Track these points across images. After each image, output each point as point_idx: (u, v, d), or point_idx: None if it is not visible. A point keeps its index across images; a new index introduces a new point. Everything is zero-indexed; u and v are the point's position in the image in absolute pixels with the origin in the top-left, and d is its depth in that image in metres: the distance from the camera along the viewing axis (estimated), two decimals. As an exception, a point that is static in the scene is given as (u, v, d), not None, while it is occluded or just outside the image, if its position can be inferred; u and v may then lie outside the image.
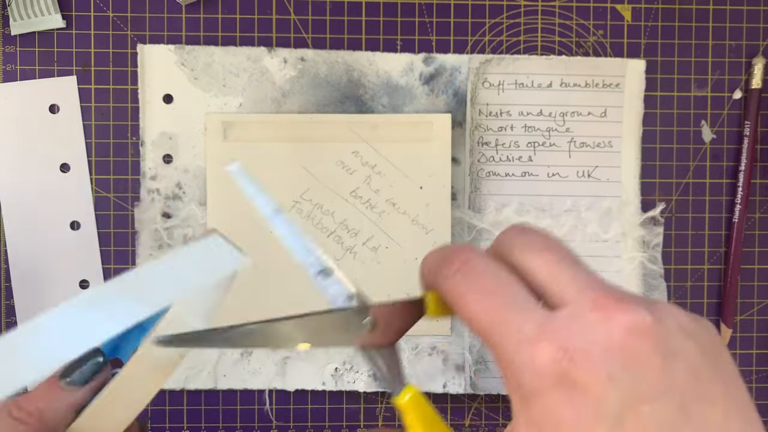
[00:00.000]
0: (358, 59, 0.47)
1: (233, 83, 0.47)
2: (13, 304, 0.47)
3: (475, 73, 0.47)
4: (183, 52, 0.46)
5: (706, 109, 0.49)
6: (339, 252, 0.47)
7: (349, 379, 0.48)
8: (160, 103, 0.46)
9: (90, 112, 0.47)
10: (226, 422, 0.48)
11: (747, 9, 0.49)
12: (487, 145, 0.48)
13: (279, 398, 0.48)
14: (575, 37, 0.48)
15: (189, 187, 0.47)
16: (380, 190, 0.47)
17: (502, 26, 0.48)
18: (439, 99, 0.47)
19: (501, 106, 0.48)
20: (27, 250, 0.46)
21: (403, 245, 0.47)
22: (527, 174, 0.48)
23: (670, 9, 0.49)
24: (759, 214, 0.50)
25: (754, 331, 0.50)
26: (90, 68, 0.47)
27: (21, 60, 0.46)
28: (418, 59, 0.47)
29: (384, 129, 0.46)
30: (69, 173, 0.47)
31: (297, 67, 0.47)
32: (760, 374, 0.50)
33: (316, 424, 0.48)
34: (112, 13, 0.47)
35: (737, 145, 0.49)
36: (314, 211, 0.46)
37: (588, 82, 0.48)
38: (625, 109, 0.48)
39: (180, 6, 0.47)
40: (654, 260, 0.48)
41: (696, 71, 0.49)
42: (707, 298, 0.49)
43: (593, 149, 0.48)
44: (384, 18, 0.48)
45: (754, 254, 0.50)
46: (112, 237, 0.47)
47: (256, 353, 0.47)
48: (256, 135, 0.46)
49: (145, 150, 0.46)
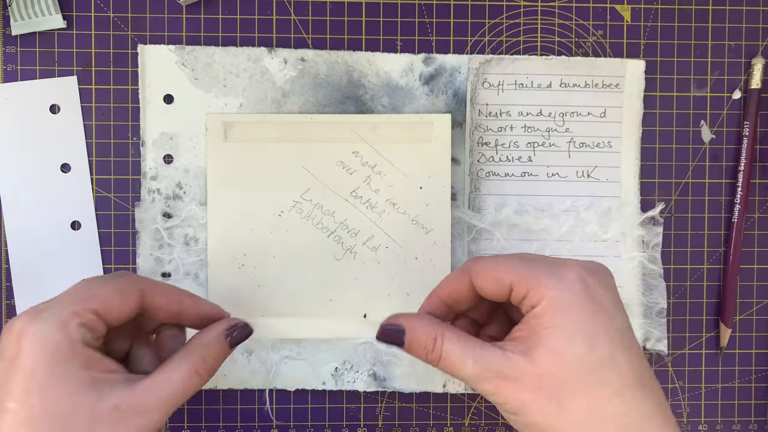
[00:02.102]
0: (358, 59, 0.47)
1: (234, 83, 0.47)
2: (14, 303, 0.47)
3: (474, 73, 0.47)
4: (183, 52, 0.46)
5: (705, 110, 0.49)
6: (339, 252, 0.47)
7: (349, 379, 0.48)
8: (161, 103, 0.46)
9: (91, 112, 0.47)
10: (227, 422, 0.48)
11: (746, 9, 0.49)
12: (487, 145, 0.48)
13: (279, 398, 0.48)
14: (575, 38, 0.48)
15: (189, 187, 0.47)
16: (380, 190, 0.47)
17: (502, 27, 0.48)
18: (439, 99, 0.47)
19: (501, 106, 0.48)
20: (28, 250, 0.46)
21: (403, 245, 0.47)
22: (527, 174, 0.48)
23: (669, 9, 0.49)
24: (758, 214, 0.50)
25: (753, 330, 0.50)
26: (91, 68, 0.47)
27: (22, 60, 0.46)
28: (418, 59, 0.47)
29: (384, 129, 0.46)
30: (70, 173, 0.47)
31: (297, 68, 0.47)
32: (759, 374, 0.50)
33: (317, 423, 0.48)
34: (113, 13, 0.47)
35: (736, 145, 0.49)
36: (314, 211, 0.47)
37: (588, 83, 0.48)
38: (624, 109, 0.48)
39: (180, 6, 0.47)
40: (653, 260, 0.48)
41: (695, 71, 0.49)
42: (707, 297, 0.50)
43: (593, 149, 0.48)
44: (384, 18, 0.48)
45: (754, 254, 0.50)
46: (113, 237, 0.47)
47: (256, 353, 0.47)
48: (257, 135, 0.46)
49: (145, 150, 0.47)
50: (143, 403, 0.34)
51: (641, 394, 0.34)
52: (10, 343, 0.33)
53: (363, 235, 0.47)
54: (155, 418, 0.34)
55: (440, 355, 0.36)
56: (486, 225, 0.47)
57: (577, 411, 0.33)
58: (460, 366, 0.36)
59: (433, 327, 0.37)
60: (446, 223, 0.47)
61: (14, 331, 0.33)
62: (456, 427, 0.49)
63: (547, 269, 0.36)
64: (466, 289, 0.39)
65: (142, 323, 0.39)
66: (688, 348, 0.50)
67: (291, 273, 0.47)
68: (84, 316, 0.34)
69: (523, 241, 0.48)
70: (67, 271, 0.46)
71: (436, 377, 0.48)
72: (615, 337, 0.34)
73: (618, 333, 0.35)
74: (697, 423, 0.50)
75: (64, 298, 0.35)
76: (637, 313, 0.48)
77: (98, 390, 0.33)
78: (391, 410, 0.49)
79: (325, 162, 0.46)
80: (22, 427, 0.32)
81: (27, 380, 0.32)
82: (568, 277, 0.35)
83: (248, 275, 0.47)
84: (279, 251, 0.47)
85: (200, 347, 0.37)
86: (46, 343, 0.33)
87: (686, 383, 0.50)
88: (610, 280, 0.37)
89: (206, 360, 0.37)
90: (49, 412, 0.32)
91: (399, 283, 0.47)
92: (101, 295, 0.35)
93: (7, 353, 0.33)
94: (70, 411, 0.32)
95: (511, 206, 0.48)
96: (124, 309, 0.36)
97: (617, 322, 0.35)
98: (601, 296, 0.35)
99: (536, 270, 0.36)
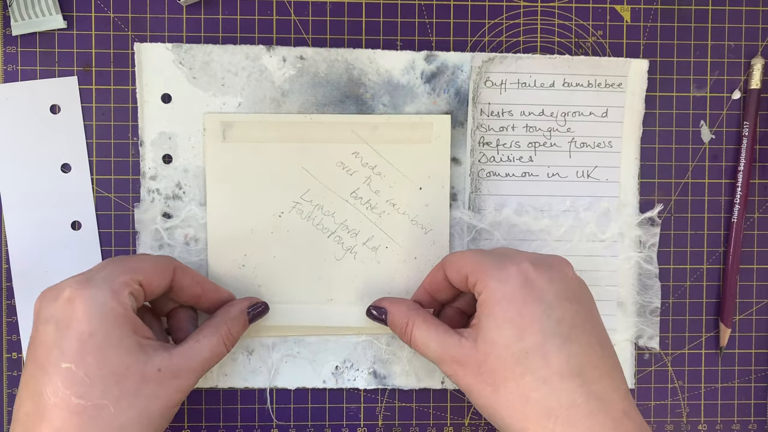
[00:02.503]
0: (358, 57, 0.47)
1: (232, 82, 0.46)
2: (14, 303, 0.47)
3: (477, 71, 0.47)
4: (180, 50, 0.46)
5: (705, 110, 0.49)
6: (339, 252, 0.47)
7: (350, 377, 0.48)
8: (159, 102, 0.46)
9: (91, 112, 0.47)
10: (227, 421, 0.48)
11: (746, 9, 0.49)
12: (488, 145, 0.48)
13: (279, 397, 0.48)
14: (575, 38, 0.48)
15: (189, 187, 0.47)
16: (380, 190, 0.47)
17: (502, 27, 0.48)
18: (440, 98, 0.47)
19: (503, 105, 0.48)
20: (28, 250, 0.47)
21: (402, 245, 0.47)
22: (527, 174, 0.48)
23: (669, 9, 0.49)
24: (758, 214, 0.50)
25: (752, 330, 0.50)
26: (91, 69, 0.47)
27: (22, 60, 0.46)
28: (420, 57, 0.47)
29: (384, 130, 0.46)
30: (70, 173, 0.47)
31: (296, 66, 0.47)
32: (758, 374, 0.50)
33: (317, 423, 0.48)
34: (113, 13, 0.47)
35: (736, 145, 0.49)
36: (315, 211, 0.47)
37: (590, 82, 0.48)
38: (626, 109, 0.48)
39: (181, 7, 0.47)
40: (650, 260, 0.48)
41: (695, 72, 0.49)
42: (706, 297, 0.50)
43: (593, 149, 0.48)
44: (384, 18, 0.48)
45: (753, 254, 0.50)
46: (113, 237, 0.47)
47: (256, 352, 0.47)
48: (256, 135, 0.46)
49: (144, 150, 0.47)
50: (180, 366, 0.39)
51: (571, 383, 0.36)
52: (60, 308, 0.36)
53: (363, 235, 0.47)
54: (190, 379, 0.39)
55: (410, 337, 0.41)
56: (486, 225, 0.48)
57: (508, 395, 0.37)
58: (425, 348, 0.41)
59: (407, 312, 0.42)
60: (445, 223, 0.47)
61: (64, 297, 0.36)
62: (456, 427, 0.49)
63: (495, 262, 0.39)
64: (442, 279, 0.43)
65: (158, 304, 0.44)
66: (688, 348, 0.50)
67: (291, 273, 0.47)
68: (132, 285, 0.38)
69: (522, 241, 0.48)
70: (67, 271, 0.46)
71: (435, 374, 0.48)
72: (549, 328, 0.37)
73: (554, 324, 0.37)
74: (696, 423, 0.50)
75: (110, 268, 0.38)
76: (631, 312, 0.48)
77: (145, 353, 0.37)
78: (391, 409, 0.49)
79: (325, 163, 0.46)
80: (78, 385, 0.35)
81: (84, 342, 0.35)
82: (509, 270, 0.38)
83: (249, 275, 0.47)
84: (279, 251, 0.47)
85: (227, 320, 0.42)
86: (102, 308, 0.36)
87: (686, 383, 0.50)
88: (560, 273, 0.39)
89: (231, 332, 0.42)
90: (104, 372, 0.36)
91: (399, 282, 0.47)
92: (145, 268, 0.39)
93: (59, 317, 0.36)
94: (124, 371, 0.36)
95: (511, 206, 0.48)
96: (161, 284, 0.40)
97: (557, 313, 0.37)
98: (541, 288, 0.38)
99: (486, 262, 0.39)
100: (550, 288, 0.38)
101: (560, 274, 0.39)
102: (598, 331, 0.38)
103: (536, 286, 0.38)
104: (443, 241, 0.47)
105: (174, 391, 0.38)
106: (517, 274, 0.38)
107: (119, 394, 0.36)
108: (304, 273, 0.47)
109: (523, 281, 0.38)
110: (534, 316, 0.37)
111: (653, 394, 0.50)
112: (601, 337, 0.38)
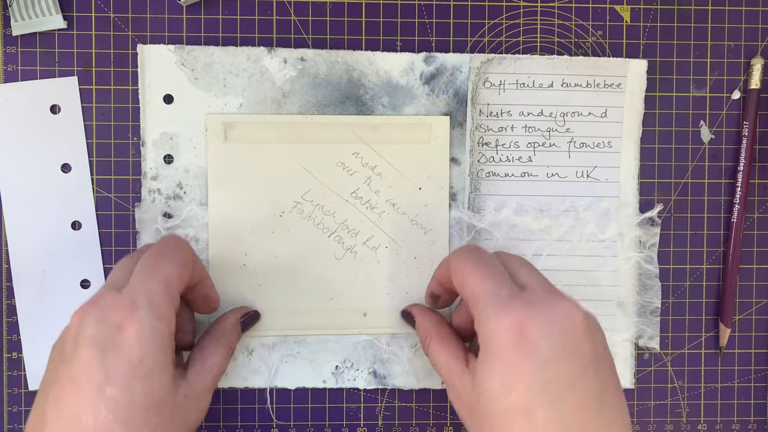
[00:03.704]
0: (358, 59, 0.47)
1: (233, 83, 0.47)
2: (14, 303, 0.47)
3: (476, 72, 0.47)
4: (183, 52, 0.46)
5: (704, 110, 0.49)
6: (340, 252, 0.47)
7: (350, 377, 0.48)
8: (161, 103, 0.46)
9: (91, 112, 0.47)
10: (227, 421, 0.48)
11: (746, 9, 0.49)
12: (488, 145, 0.48)
13: (279, 397, 0.48)
14: (574, 38, 0.48)
15: (190, 188, 0.47)
16: (380, 190, 0.47)
17: (502, 27, 0.48)
18: (439, 99, 0.47)
19: (502, 106, 0.48)
20: (28, 250, 0.47)
21: (402, 245, 0.47)
22: (527, 174, 0.48)
23: (669, 10, 0.49)
24: (757, 214, 0.50)
25: (752, 330, 0.50)
26: (91, 69, 0.47)
27: (22, 60, 0.46)
28: (419, 59, 0.47)
29: (384, 131, 0.47)
30: (70, 173, 0.47)
31: (297, 67, 0.47)
32: (758, 374, 0.50)
33: (317, 423, 0.48)
34: (113, 13, 0.47)
35: (736, 145, 0.49)
36: (315, 211, 0.47)
37: (589, 82, 0.48)
38: (625, 109, 0.48)
39: (181, 7, 0.47)
40: (650, 260, 0.48)
41: (695, 72, 0.49)
42: (706, 297, 0.50)
43: (593, 149, 0.48)
44: (384, 19, 0.48)
45: (753, 254, 0.50)
46: (113, 237, 0.47)
47: (256, 352, 0.47)
48: (257, 136, 0.46)
49: (145, 150, 0.47)
50: (199, 390, 0.39)
51: None
52: (107, 332, 0.35)
53: (363, 235, 0.47)
54: (208, 399, 0.40)
55: (427, 351, 0.43)
56: (485, 225, 0.48)
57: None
58: (436, 367, 0.42)
59: (429, 327, 0.43)
60: (444, 223, 0.47)
61: (111, 321, 0.35)
62: (456, 427, 0.49)
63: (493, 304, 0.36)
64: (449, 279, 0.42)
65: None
66: (688, 348, 0.50)
67: (292, 273, 0.47)
68: (173, 300, 0.37)
69: (522, 241, 0.48)
70: (67, 271, 0.47)
71: (435, 375, 0.48)
72: (537, 387, 0.34)
73: (544, 383, 0.34)
74: (696, 423, 0.50)
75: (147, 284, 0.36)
76: (631, 312, 0.48)
77: (176, 381, 0.38)
78: (391, 409, 0.49)
79: (325, 163, 0.47)
80: (122, 411, 0.34)
81: (134, 368, 0.35)
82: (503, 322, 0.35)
83: (249, 275, 0.47)
84: (280, 251, 0.47)
85: (225, 334, 0.43)
86: (153, 333, 0.35)
87: (685, 383, 0.50)
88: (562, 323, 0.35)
89: (231, 345, 0.43)
90: (148, 400, 0.35)
91: (398, 282, 0.47)
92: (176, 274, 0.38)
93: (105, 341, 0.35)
94: (163, 399, 0.36)
95: (511, 206, 0.48)
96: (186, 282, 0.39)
97: (549, 372, 0.34)
98: (535, 344, 0.34)
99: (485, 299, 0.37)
100: (545, 344, 0.34)
101: (561, 324, 0.35)
102: (599, 386, 0.35)
103: (530, 341, 0.34)
104: (443, 241, 0.47)
105: (196, 413, 0.39)
106: (510, 327, 0.35)
107: (156, 422, 0.35)
108: (305, 272, 0.47)
109: (517, 335, 0.35)
110: (523, 374, 0.34)
111: (653, 394, 0.50)
112: (601, 391, 0.35)
